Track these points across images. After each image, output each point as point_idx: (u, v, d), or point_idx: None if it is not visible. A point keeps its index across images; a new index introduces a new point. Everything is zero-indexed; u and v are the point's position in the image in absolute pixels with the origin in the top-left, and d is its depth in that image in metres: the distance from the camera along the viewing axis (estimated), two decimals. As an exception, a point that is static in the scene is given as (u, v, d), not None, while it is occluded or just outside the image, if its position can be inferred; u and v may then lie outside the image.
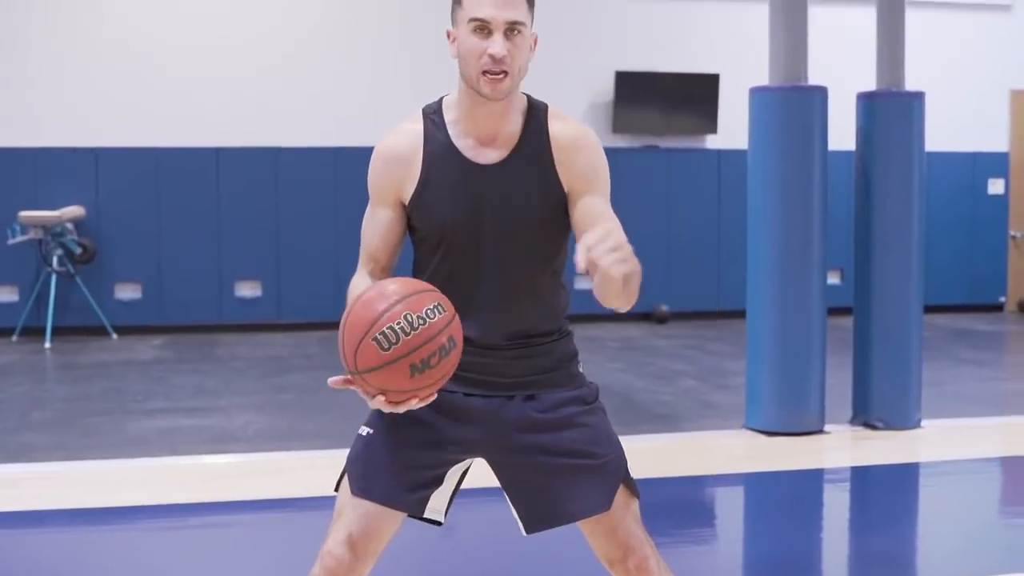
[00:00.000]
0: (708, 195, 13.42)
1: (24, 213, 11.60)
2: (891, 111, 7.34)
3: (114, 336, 11.99)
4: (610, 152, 11.42)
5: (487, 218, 2.81)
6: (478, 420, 2.89)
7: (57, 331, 11.74)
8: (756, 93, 7.27)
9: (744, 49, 12.69)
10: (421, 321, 2.54)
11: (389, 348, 2.53)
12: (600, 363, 10.02)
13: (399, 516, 2.89)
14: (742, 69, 11.51)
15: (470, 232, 2.82)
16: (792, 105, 7.12)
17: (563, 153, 2.86)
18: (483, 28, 2.69)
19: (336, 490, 2.95)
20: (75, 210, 11.92)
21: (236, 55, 12.52)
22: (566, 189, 2.86)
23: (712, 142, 13.54)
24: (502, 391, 2.89)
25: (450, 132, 2.84)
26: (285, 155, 12.53)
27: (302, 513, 5.64)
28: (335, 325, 9.87)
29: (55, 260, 11.78)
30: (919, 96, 7.39)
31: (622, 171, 12.89)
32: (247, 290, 12.56)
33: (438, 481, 2.91)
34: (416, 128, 2.88)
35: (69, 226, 11.88)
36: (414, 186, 2.84)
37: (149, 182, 12.28)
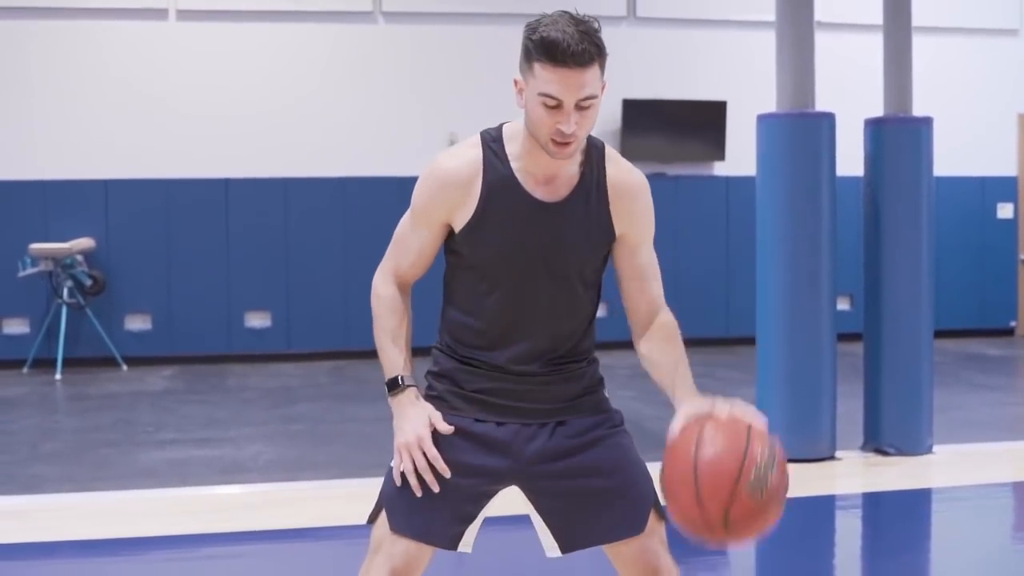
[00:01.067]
0: (716, 222, 13.41)
1: (35, 245, 11.64)
2: (899, 136, 7.34)
3: (124, 367, 11.99)
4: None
5: (540, 255, 2.81)
6: (510, 448, 2.88)
7: (68, 362, 11.75)
8: (763, 120, 7.28)
9: (751, 76, 12.71)
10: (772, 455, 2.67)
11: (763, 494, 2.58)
12: (611, 391, 9.92)
13: (434, 548, 2.88)
14: (749, 96, 11.53)
15: (520, 266, 2.81)
16: (800, 131, 7.13)
17: (619, 198, 2.86)
18: (555, 104, 2.63)
19: (370, 522, 2.92)
20: (85, 242, 11.95)
21: (245, 88, 12.57)
22: (618, 233, 2.88)
23: (720, 169, 13.55)
24: (534, 418, 2.90)
25: (512, 165, 2.80)
26: (294, 186, 12.55)
27: (313, 543, 5.63)
28: (344, 355, 9.92)
29: (65, 292, 11.81)
30: (927, 121, 7.39)
31: (630, 198, 12.90)
32: (257, 320, 12.57)
33: (473, 516, 2.90)
34: (476, 154, 2.81)
35: (79, 258, 11.90)
36: (470, 214, 2.79)
37: (159, 213, 12.31)
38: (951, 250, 13.60)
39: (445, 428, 2.81)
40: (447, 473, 2.77)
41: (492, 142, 2.83)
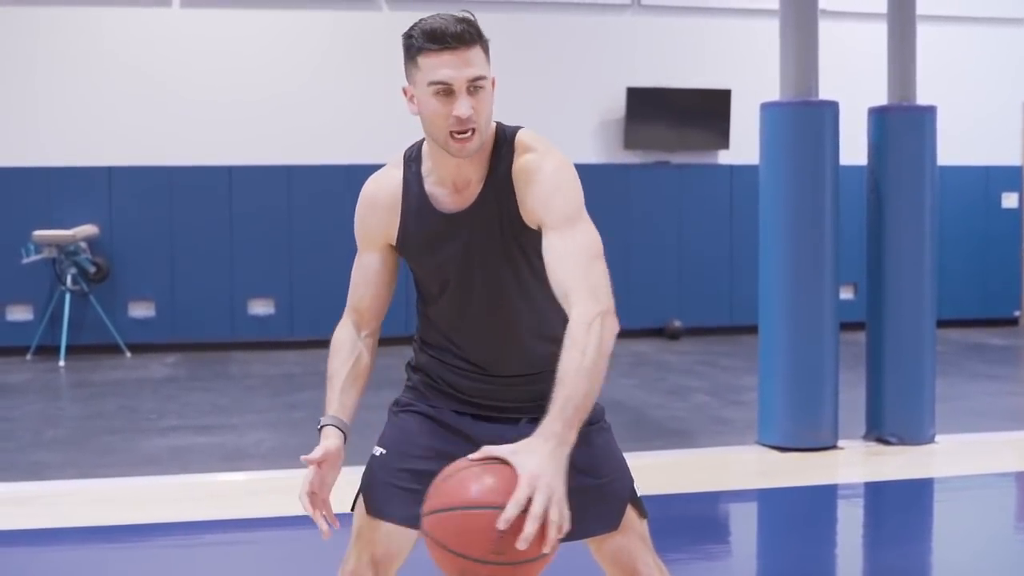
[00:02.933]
0: (720, 210, 13.41)
1: (38, 232, 11.64)
2: (903, 125, 7.33)
3: (128, 354, 12.01)
4: (622, 168, 11.48)
5: (468, 263, 2.80)
6: (482, 442, 2.86)
7: (71, 349, 11.76)
8: (767, 108, 7.27)
9: (755, 64, 12.70)
10: None
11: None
12: (613, 379, 9.97)
13: (415, 534, 2.88)
14: (753, 84, 11.52)
15: (457, 276, 2.82)
16: (803, 120, 7.12)
17: (520, 188, 2.74)
18: (445, 90, 2.61)
19: (352, 510, 2.94)
20: (88, 229, 11.96)
21: (248, 75, 12.57)
22: (530, 224, 2.74)
23: (724, 157, 13.53)
24: (504, 414, 2.90)
25: (425, 181, 2.82)
26: (297, 173, 12.55)
27: (315, 531, 5.61)
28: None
29: (69, 279, 11.81)
30: (931, 110, 7.38)
31: (634, 187, 12.93)
32: (260, 308, 12.58)
33: None
34: (396, 175, 2.86)
35: (83, 245, 11.91)
36: (395, 233, 2.85)
37: (162, 200, 12.32)
38: (955, 239, 13.59)
39: (314, 457, 2.84)
40: (337, 525, 2.79)
41: (412, 160, 2.86)
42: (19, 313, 12.17)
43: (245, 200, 12.45)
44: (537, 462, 2.29)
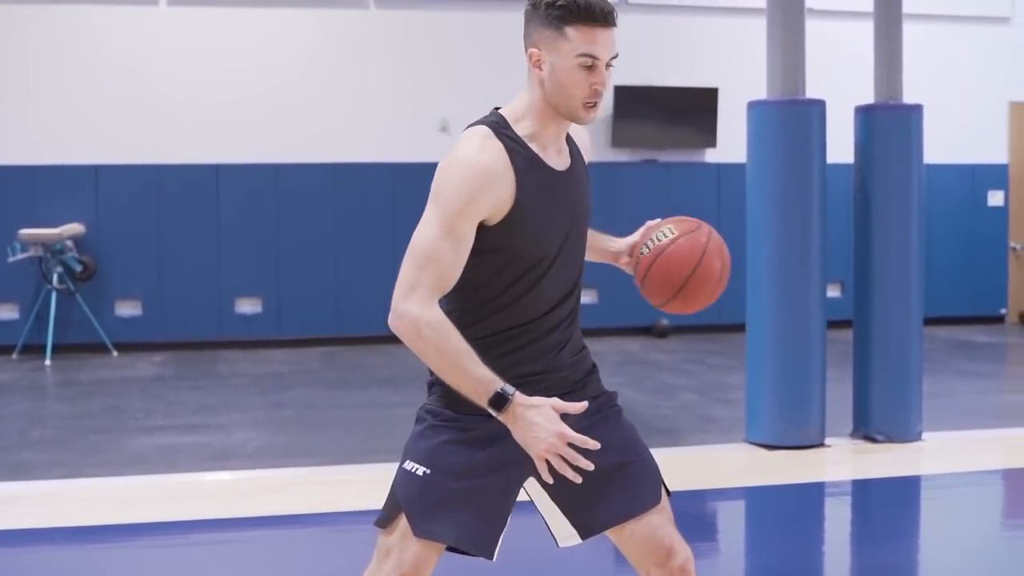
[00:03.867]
0: (707, 209, 13.38)
1: (24, 231, 11.61)
2: (889, 124, 7.34)
3: (114, 353, 11.98)
4: (609, 166, 11.52)
5: (570, 224, 2.89)
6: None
7: (57, 348, 11.74)
8: (754, 107, 7.28)
9: (743, 63, 12.71)
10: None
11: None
12: (601, 377, 9.98)
13: (441, 549, 2.85)
14: (741, 83, 11.53)
15: (556, 241, 2.86)
16: (790, 118, 7.13)
17: (584, 149, 3.05)
18: (592, 64, 2.76)
19: (382, 527, 2.85)
20: (75, 227, 11.93)
21: (236, 73, 12.55)
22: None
23: (711, 156, 13.55)
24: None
25: (530, 146, 2.84)
26: (285, 171, 12.54)
27: (302, 529, 5.63)
28: (335, 341, 9.95)
29: (55, 277, 11.79)
30: (917, 109, 7.39)
31: (621, 185, 12.94)
32: (247, 306, 12.56)
33: (504, 516, 2.85)
34: (497, 144, 2.77)
35: (69, 243, 11.88)
36: (511, 203, 2.76)
37: (149, 199, 12.29)
38: (942, 237, 13.63)
39: (576, 407, 2.66)
40: (596, 445, 2.61)
41: (503, 128, 2.81)
42: (5, 312, 12.14)
43: (232, 199, 12.43)
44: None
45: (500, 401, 2.61)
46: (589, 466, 2.59)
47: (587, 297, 12.63)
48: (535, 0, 2.78)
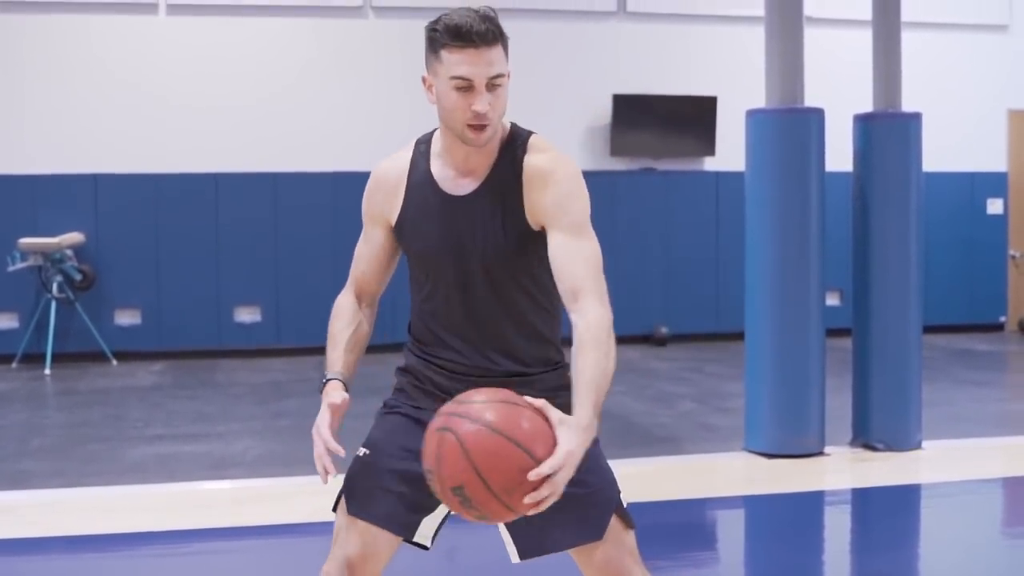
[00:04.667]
0: (706, 217, 13.42)
1: (24, 240, 11.61)
2: (888, 132, 7.35)
3: (114, 362, 11.98)
4: (608, 175, 11.51)
5: (460, 248, 2.85)
6: None
7: (57, 357, 11.73)
8: (753, 115, 7.28)
9: (741, 71, 12.72)
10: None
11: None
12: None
13: (396, 538, 2.88)
14: (739, 91, 11.55)
15: (448, 260, 2.87)
16: (789, 127, 7.13)
17: (531, 187, 2.82)
18: (466, 86, 2.72)
19: (334, 510, 2.95)
20: (74, 236, 11.93)
21: (235, 82, 12.56)
22: (532, 223, 2.83)
23: (710, 164, 13.55)
24: None
25: (432, 164, 2.90)
26: (284, 180, 12.54)
27: (302, 539, 5.62)
28: (334, 350, 9.47)
29: (55, 286, 11.78)
30: (916, 117, 7.40)
31: (620, 194, 12.94)
32: (246, 315, 12.56)
33: (431, 507, 2.89)
34: (405, 157, 2.96)
35: (69, 252, 11.88)
36: (397, 213, 2.92)
37: (148, 208, 12.29)
38: (941, 245, 13.63)
39: (335, 401, 2.90)
40: (341, 452, 2.79)
41: (422, 143, 2.96)
42: (5, 321, 12.13)
43: (231, 208, 12.43)
44: (576, 442, 2.49)
45: (323, 384, 3.00)
46: (329, 464, 2.79)
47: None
48: (428, 23, 2.82)
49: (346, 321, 3.05)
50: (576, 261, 2.75)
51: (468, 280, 2.87)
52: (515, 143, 2.87)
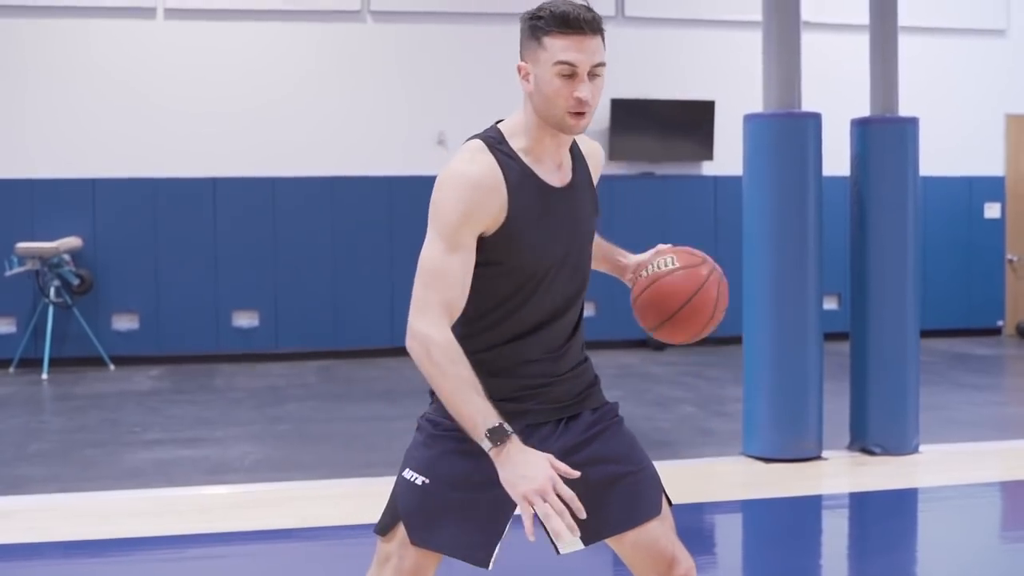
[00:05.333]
0: (704, 221, 13.43)
1: (21, 244, 11.61)
2: (885, 137, 7.35)
3: (111, 367, 11.97)
4: (607, 179, 11.50)
5: (568, 242, 2.89)
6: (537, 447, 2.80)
7: (54, 362, 11.73)
8: (750, 120, 7.29)
9: (739, 76, 12.73)
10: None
11: None
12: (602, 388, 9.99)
13: (439, 557, 2.86)
14: (737, 96, 11.55)
15: (554, 256, 2.86)
16: (786, 131, 7.14)
17: (594, 165, 3.05)
18: (571, 72, 2.74)
19: (379, 533, 2.89)
20: (72, 241, 11.92)
21: (233, 87, 12.56)
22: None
23: (708, 168, 13.57)
24: (547, 417, 2.90)
25: (524, 160, 2.84)
26: (282, 185, 12.54)
27: (300, 544, 5.62)
28: (332, 355, 9.91)
29: (52, 291, 11.78)
30: (913, 121, 7.40)
31: (619, 198, 12.95)
32: (245, 320, 12.55)
33: (501, 528, 2.87)
34: (489, 158, 2.79)
35: (66, 257, 11.88)
36: (504, 216, 2.77)
37: (146, 212, 12.29)
38: (938, 250, 13.64)
39: (570, 472, 2.60)
40: (582, 514, 2.55)
41: (497, 144, 2.83)
42: (2, 326, 12.13)
43: (229, 212, 12.43)
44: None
45: (498, 435, 2.58)
46: (573, 521, 2.52)
47: (586, 310, 12.52)
48: (522, 14, 2.82)
49: (467, 362, 2.67)
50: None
51: (565, 276, 2.89)
52: None
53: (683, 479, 6.88)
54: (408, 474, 2.86)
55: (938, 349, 12.68)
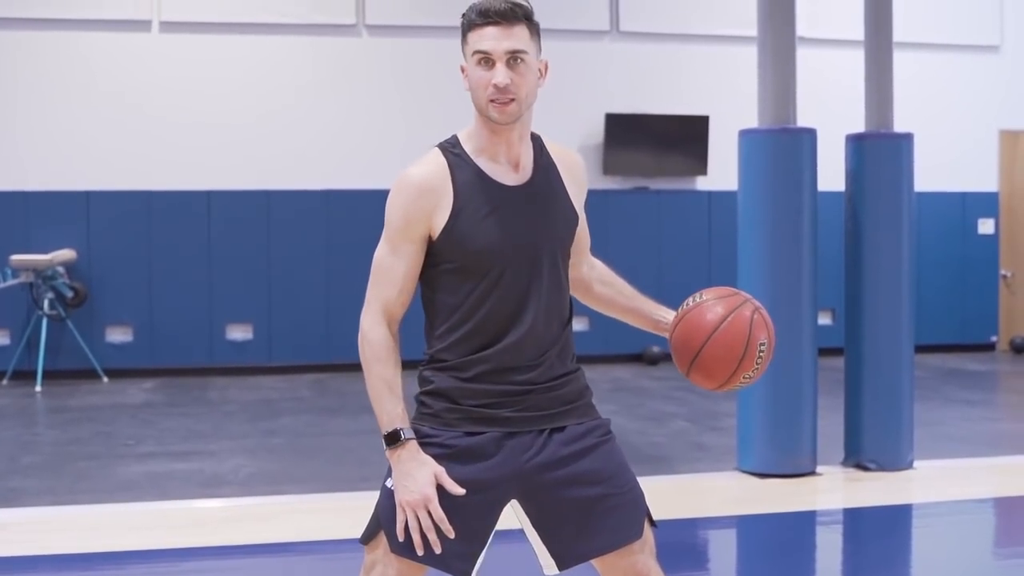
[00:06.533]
0: (698, 236, 13.44)
1: (15, 257, 11.59)
2: (880, 152, 7.37)
3: (105, 379, 11.95)
4: (601, 194, 11.55)
5: (522, 240, 2.87)
6: (508, 459, 2.86)
7: (48, 374, 11.70)
8: (745, 135, 7.30)
9: (733, 91, 12.73)
10: None
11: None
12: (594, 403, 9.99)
13: (426, 569, 2.86)
14: (732, 111, 11.57)
15: (516, 252, 2.86)
16: (781, 147, 7.15)
17: (568, 173, 3.03)
18: (487, 60, 2.84)
19: (364, 542, 2.90)
20: (66, 253, 11.91)
21: (228, 99, 12.56)
22: (576, 209, 3.02)
23: (702, 183, 13.58)
24: (532, 425, 2.88)
25: (477, 160, 2.92)
26: (276, 198, 12.54)
27: (293, 557, 5.61)
28: (326, 368, 9.89)
29: (46, 303, 11.76)
30: (908, 137, 7.42)
31: (613, 212, 12.95)
32: (238, 333, 12.54)
33: (483, 537, 2.88)
34: (439, 160, 2.92)
35: (60, 269, 11.86)
36: (447, 215, 2.84)
37: (140, 225, 12.28)
38: (932, 265, 13.65)
39: (454, 488, 2.77)
40: (451, 534, 2.76)
41: (450, 148, 2.95)
42: (-5, 338, 12.11)
43: (223, 225, 12.42)
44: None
45: (393, 439, 2.81)
46: (435, 541, 2.76)
47: (578, 325, 12.48)
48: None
49: (394, 362, 2.88)
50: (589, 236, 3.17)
51: (535, 270, 2.89)
52: (536, 138, 3.05)
53: (677, 494, 6.87)
54: (389, 482, 2.87)
55: (931, 364, 12.68)
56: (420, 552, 2.77)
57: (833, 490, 7.05)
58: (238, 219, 12.43)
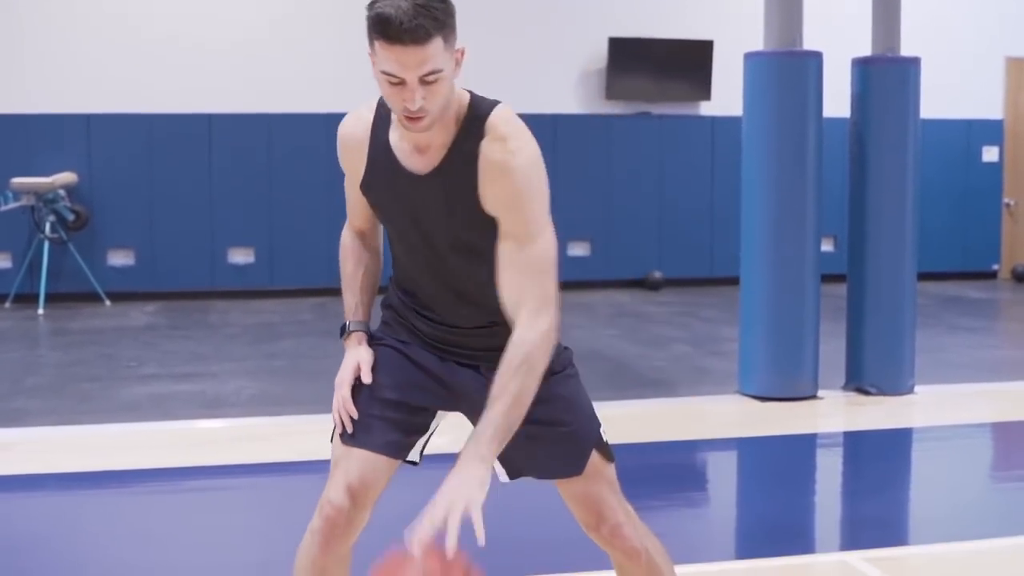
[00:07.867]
0: (702, 162, 13.38)
1: (16, 180, 11.56)
2: (887, 77, 7.31)
3: (107, 302, 11.96)
4: (603, 118, 11.46)
5: (418, 223, 2.80)
6: (447, 382, 2.92)
7: (50, 297, 11.71)
8: (750, 59, 7.24)
9: (738, 15, 12.64)
10: None
11: None
12: (593, 329, 10.02)
13: (393, 463, 2.88)
14: (736, 35, 11.47)
15: (402, 230, 2.86)
16: (786, 71, 7.09)
17: (487, 177, 2.68)
18: (397, 82, 2.56)
19: (332, 441, 2.94)
20: (68, 176, 11.88)
21: (229, 21, 12.47)
22: (489, 211, 2.70)
23: (706, 109, 13.50)
24: (468, 360, 2.91)
25: (391, 134, 2.79)
26: (278, 121, 12.48)
27: (294, 477, 5.65)
28: (328, 291, 9.91)
29: (48, 227, 11.74)
30: (915, 62, 7.36)
31: (615, 138, 12.90)
32: (240, 256, 12.54)
33: (423, 428, 2.94)
34: (368, 117, 2.86)
35: (62, 193, 11.83)
36: (362, 173, 2.87)
37: (142, 148, 12.23)
38: (936, 193, 13.60)
39: (366, 376, 2.88)
40: (355, 414, 2.85)
41: (383, 106, 2.80)
42: (-3, 261, 12.12)
43: (225, 148, 12.38)
44: (459, 481, 2.47)
45: (343, 331, 2.96)
46: (347, 421, 2.85)
47: (579, 250, 12.61)
48: None
49: (355, 260, 3.04)
50: (516, 272, 2.65)
51: (430, 251, 2.83)
52: (474, 122, 2.71)
53: (678, 417, 6.90)
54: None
55: (933, 292, 12.69)
56: (348, 430, 2.85)
57: (834, 414, 7.08)
58: (240, 142, 12.39)
